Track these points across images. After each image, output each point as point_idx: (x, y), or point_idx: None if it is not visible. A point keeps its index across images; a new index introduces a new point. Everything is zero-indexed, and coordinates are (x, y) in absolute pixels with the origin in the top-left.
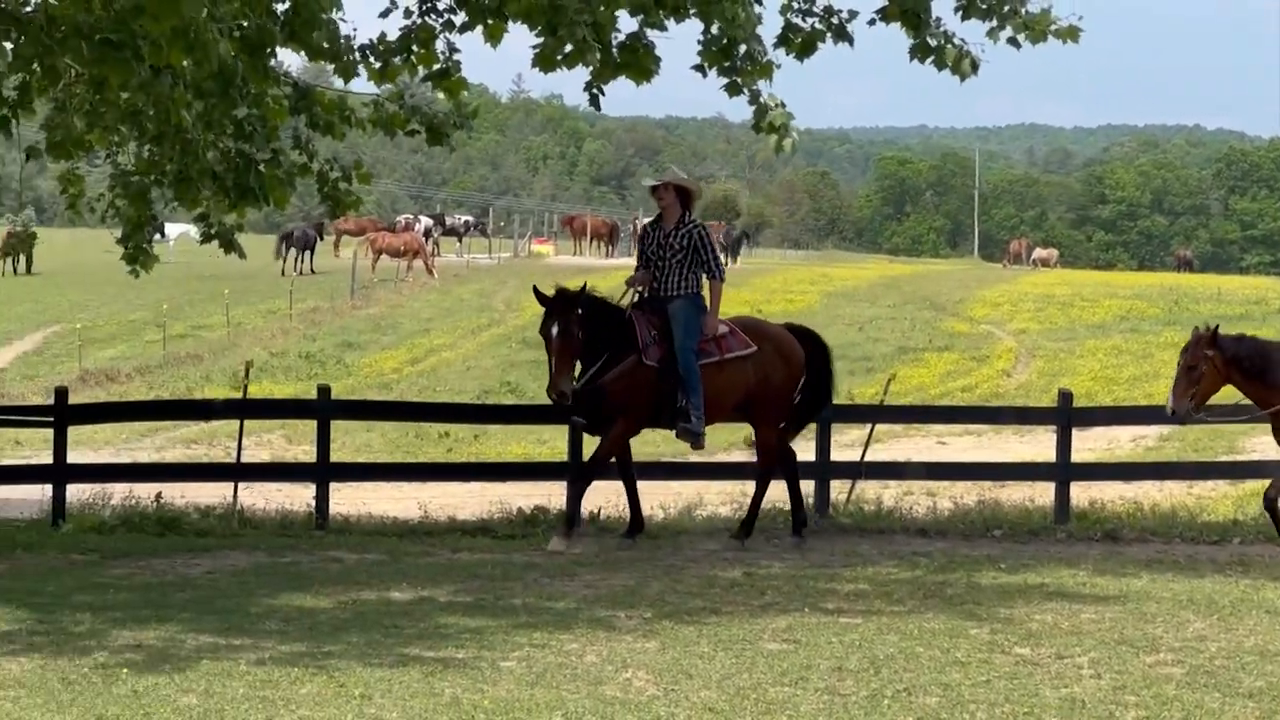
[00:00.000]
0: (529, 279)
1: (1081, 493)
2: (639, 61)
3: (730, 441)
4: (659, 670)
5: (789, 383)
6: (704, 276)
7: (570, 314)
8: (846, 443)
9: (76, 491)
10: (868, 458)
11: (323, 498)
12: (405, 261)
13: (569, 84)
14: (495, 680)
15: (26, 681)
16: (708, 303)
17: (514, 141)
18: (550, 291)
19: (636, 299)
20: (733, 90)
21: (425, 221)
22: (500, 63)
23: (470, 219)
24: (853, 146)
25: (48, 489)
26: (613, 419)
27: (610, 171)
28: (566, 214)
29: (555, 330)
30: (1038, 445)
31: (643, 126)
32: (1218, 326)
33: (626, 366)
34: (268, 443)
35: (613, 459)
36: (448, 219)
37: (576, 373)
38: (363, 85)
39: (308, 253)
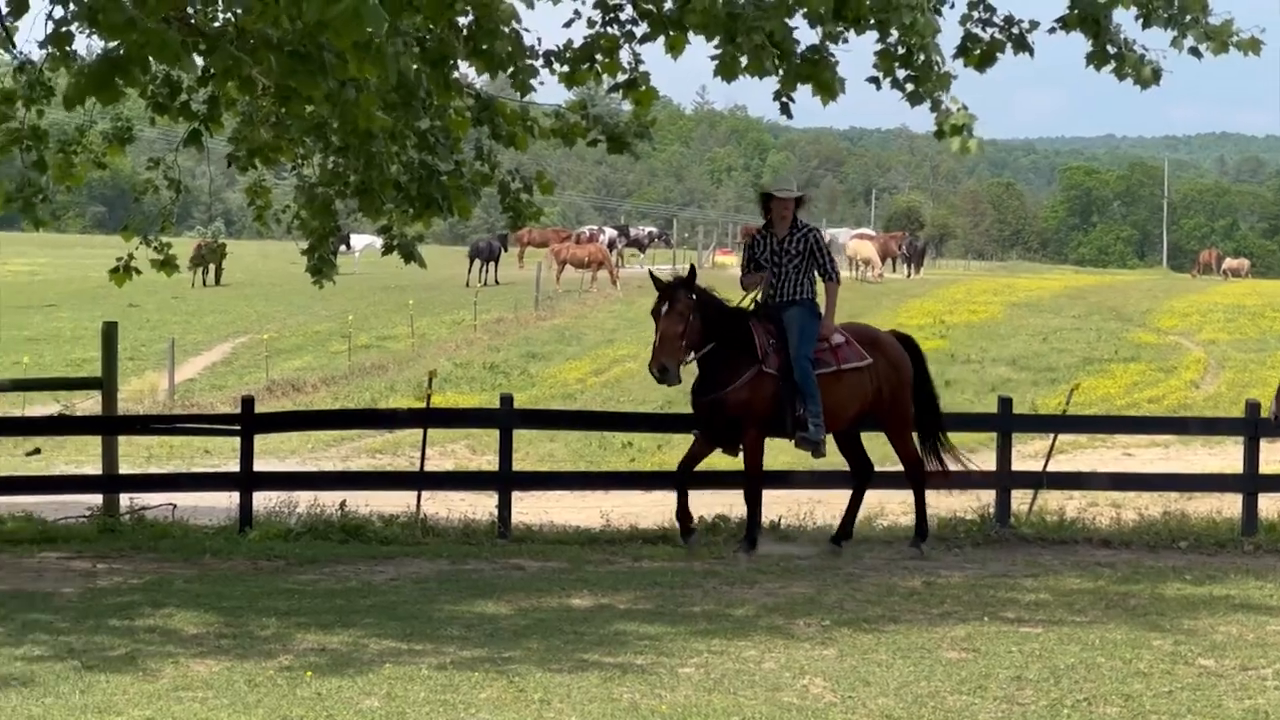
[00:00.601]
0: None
1: (1270, 504)
2: (820, 74)
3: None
4: (836, 677)
5: (904, 390)
6: (819, 280)
7: (683, 297)
8: (1029, 453)
9: (263, 499)
10: (1050, 468)
11: (505, 506)
12: (590, 273)
13: (753, 95)
14: (673, 686)
15: (213, 683)
16: (822, 308)
17: (698, 153)
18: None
19: (753, 305)
20: (914, 100)
21: (610, 233)
22: (684, 75)
23: (654, 230)
24: (1038, 157)
25: (235, 496)
26: (739, 430)
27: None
28: (748, 225)
29: (665, 309)
30: (1226, 457)
31: (826, 138)
32: None
33: (749, 376)
34: (451, 452)
35: (761, 465)
36: (632, 230)
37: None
38: (543, 97)
39: (492, 264)
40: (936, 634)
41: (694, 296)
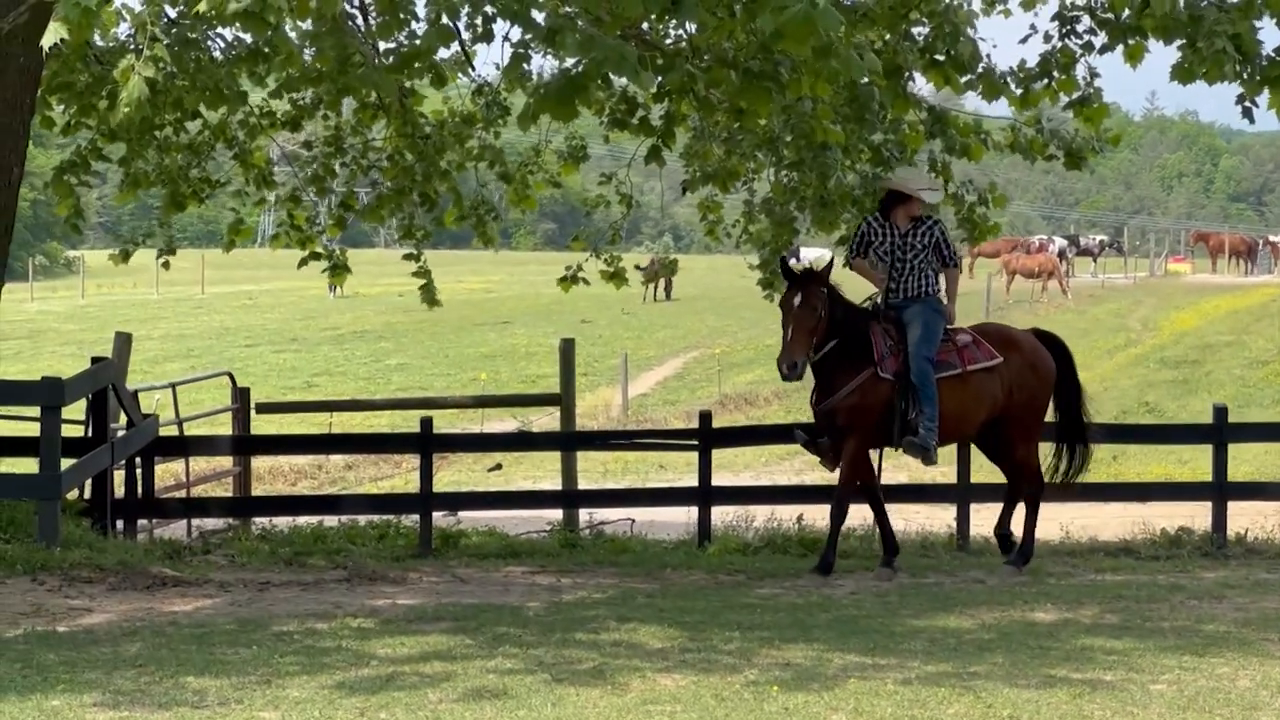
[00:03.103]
0: (1167, 298)
1: None
2: None
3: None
4: None
5: (1042, 395)
6: (942, 270)
7: (814, 290)
8: None
9: (720, 514)
10: None
11: (963, 518)
12: (1040, 282)
13: (1204, 100)
14: (1145, 704)
15: (681, 697)
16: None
17: (1147, 160)
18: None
19: (872, 305)
20: None
21: (1059, 242)
22: (1134, 81)
23: (1105, 239)
24: None
25: (691, 511)
26: (844, 438)
27: (1249, 188)
28: (1200, 230)
29: (797, 301)
30: None
31: None
32: None
33: (860, 381)
34: (905, 465)
35: (857, 482)
36: (1081, 239)
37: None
38: (993, 109)
39: None
40: None
41: (825, 291)
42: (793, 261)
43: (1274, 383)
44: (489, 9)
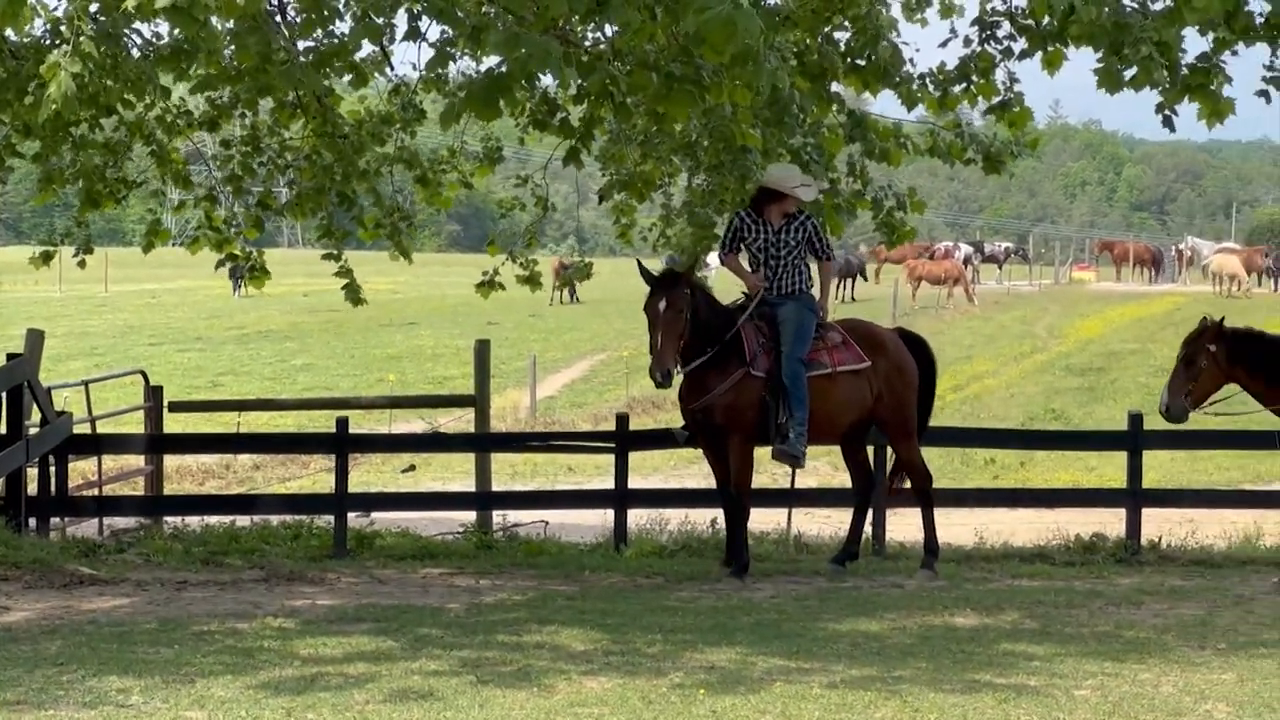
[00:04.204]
0: (1072, 306)
1: None
2: (1208, 88)
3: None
4: (1239, 702)
5: (908, 397)
6: (813, 265)
7: (678, 291)
8: None
9: (633, 516)
10: None
11: (879, 523)
12: (946, 289)
13: (1107, 109)
14: (1070, 710)
15: (608, 699)
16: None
17: (1051, 168)
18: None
19: (743, 302)
20: None
21: (965, 249)
22: (1038, 89)
23: (1010, 246)
24: None
25: (602, 513)
26: (726, 438)
27: (1151, 197)
28: (1104, 239)
29: (662, 306)
30: None
31: (1184, 151)
32: (1223, 319)
33: (735, 380)
34: (814, 469)
35: (750, 481)
36: (987, 246)
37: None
38: (912, 114)
39: (850, 280)
40: None
41: (690, 292)
42: (711, 270)
43: None
44: (416, 7)
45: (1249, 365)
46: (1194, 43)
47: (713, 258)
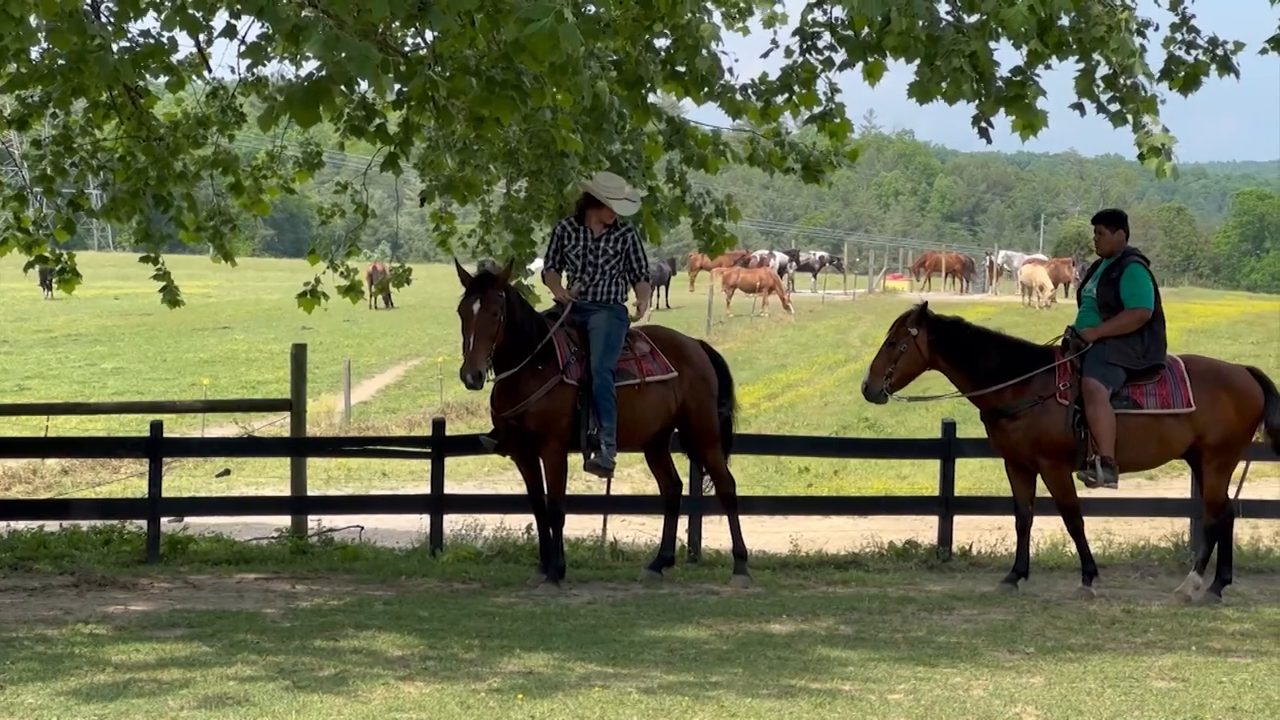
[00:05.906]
0: (885, 315)
1: None
2: (1022, 101)
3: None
4: (1048, 706)
5: (710, 404)
6: (631, 282)
7: (492, 294)
8: None
9: (448, 522)
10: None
11: (695, 531)
12: (761, 297)
13: (920, 120)
14: (884, 713)
15: (426, 705)
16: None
17: (865, 177)
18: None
19: (556, 310)
20: (1118, 120)
21: (780, 257)
22: (853, 99)
23: (824, 254)
24: (1209, 182)
25: (417, 519)
26: (540, 445)
27: (962, 207)
28: (929, 252)
29: (476, 307)
30: None
31: (994, 163)
32: (925, 304)
33: (550, 387)
34: (628, 476)
35: (565, 487)
36: (802, 255)
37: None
38: (732, 120)
39: (662, 287)
40: (1143, 663)
41: (504, 295)
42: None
43: None
44: (236, 5)
45: (947, 353)
46: (1009, 56)
47: (536, 264)
